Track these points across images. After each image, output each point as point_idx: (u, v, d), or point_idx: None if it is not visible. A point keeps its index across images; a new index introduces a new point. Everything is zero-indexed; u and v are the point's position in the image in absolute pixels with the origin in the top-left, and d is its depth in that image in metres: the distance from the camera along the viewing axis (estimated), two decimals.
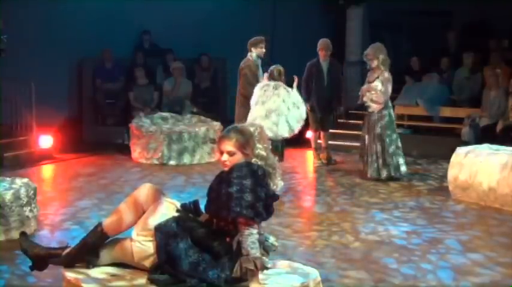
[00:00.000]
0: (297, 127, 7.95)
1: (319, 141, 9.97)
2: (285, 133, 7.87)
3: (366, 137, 8.68)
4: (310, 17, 13.39)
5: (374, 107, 8.57)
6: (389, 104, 8.76)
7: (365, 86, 8.70)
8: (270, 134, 7.43)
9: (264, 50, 8.84)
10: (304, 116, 8.09)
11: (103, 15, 11.39)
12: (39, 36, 10.52)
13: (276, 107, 7.81)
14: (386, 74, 8.54)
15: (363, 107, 8.87)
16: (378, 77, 8.53)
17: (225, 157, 3.80)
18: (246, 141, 3.81)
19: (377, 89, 8.50)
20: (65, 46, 10.89)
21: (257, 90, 8.04)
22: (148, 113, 11.04)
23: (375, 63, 8.57)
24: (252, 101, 8.03)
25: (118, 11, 11.59)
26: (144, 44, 12.57)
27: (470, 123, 10.27)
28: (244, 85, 8.68)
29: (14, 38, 9.00)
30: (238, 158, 3.78)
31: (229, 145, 3.79)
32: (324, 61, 9.69)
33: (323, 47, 9.62)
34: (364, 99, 8.64)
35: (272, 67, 8.25)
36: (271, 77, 8.13)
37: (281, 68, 8.19)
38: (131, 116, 11.08)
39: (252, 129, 3.96)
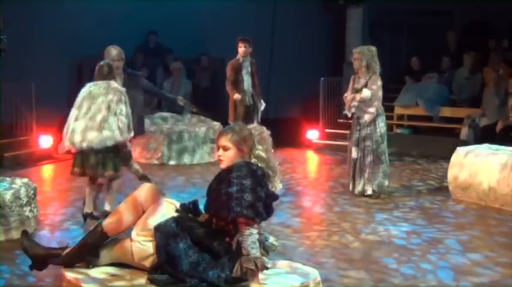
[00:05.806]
0: (123, 134, 6.13)
1: None
2: (108, 141, 6.05)
3: (354, 148, 7.67)
4: (310, 17, 13.38)
5: (367, 117, 7.56)
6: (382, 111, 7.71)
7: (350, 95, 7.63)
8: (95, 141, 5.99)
9: (243, 49, 8.62)
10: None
11: (103, 15, 11.37)
12: (39, 36, 10.51)
13: (101, 110, 6.09)
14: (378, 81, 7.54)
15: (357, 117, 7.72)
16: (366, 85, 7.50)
17: (220, 151, 3.85)
18: (242, 138, 3.85)
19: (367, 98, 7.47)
20: (65, 46, 10.88)
21: (84, 90, 6.26)
22: (148, 113, 11.02)
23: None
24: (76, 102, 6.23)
25: (117, 11, 11.57)
26: (150, 43, 12.57)
27: (470, 123, 10.28)
28: (225, 84, 8.77)
29: (14, 38, 8.98)
30: (233, 154, 3.82)
31: (225, 140, 3.84)
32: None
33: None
34: (353, 110, 7.60)
35: (102, 62, 6.52)
36: (100, 74, 6.34)
37: (112, 63, 6.58)
38: None
39: (252, 130, 3.97)
